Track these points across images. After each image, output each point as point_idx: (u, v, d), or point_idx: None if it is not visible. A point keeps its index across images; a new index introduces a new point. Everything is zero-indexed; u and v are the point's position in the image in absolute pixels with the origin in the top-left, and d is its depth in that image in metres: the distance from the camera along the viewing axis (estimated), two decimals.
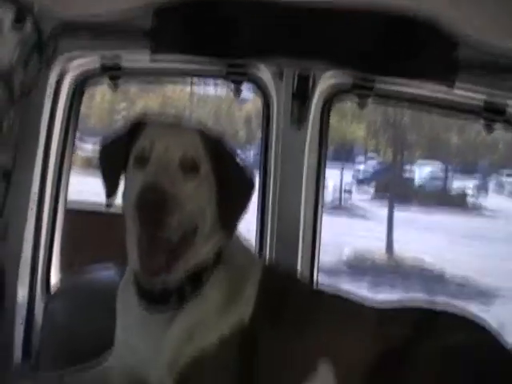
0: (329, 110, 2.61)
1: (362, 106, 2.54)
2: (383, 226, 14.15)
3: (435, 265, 12.78)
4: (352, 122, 16.81)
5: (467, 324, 1.86)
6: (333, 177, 16.33)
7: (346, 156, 19.03)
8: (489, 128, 2.50)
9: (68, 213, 2.79)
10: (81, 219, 3.15)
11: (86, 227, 3.11)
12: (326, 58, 2.38)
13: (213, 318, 1.71)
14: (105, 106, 17.04)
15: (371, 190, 18.72)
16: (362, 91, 2.50)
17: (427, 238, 14.31)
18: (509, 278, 11.43)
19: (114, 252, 1.94)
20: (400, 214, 14.76)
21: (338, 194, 17.29)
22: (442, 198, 18.01)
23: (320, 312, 1.83)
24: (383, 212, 14.95)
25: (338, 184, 17.32)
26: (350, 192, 18.08)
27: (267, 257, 2.55)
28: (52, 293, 2.60)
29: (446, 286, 11.72)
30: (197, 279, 1.72)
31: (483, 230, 15.42)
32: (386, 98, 2.58)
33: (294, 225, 2.59)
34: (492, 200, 18.32)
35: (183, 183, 1.64)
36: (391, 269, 12.63)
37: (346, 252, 13.20)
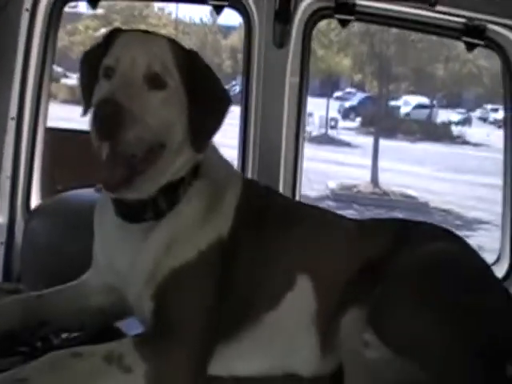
0: (311, 30, 2.59)
1: (343, 24, 2.52)
2: (369, 157, 14.22)
3: (419, 195, 12.94)
4: (338, 53, 16.67)
5: (444, 234, 1.88)
6: (319, 108, 16.31)
7: (332, 88, 18.94)
8: (470, 47, 2.54)
9: (48, 132, 2.78)
10: (61, 139, 3.13)
11: (67, 147, 3.07)
12: None
13: (191, 232, 1.68)
14: (88, 38, 16.71)
15: (357, 122, 18.73)
16: (344, 9, 2.48)
17: (412, 169, 14.43)
18: (491, 208, 11.60)
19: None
20: (385, 146, 14.83)
21: (324, 126, 17.28)
22: (427, 130, 18.10)
23: (300, 225, 1.83)
24: (369, 143, 14.99)
25: (324, 115, 17.29)
26: (335, 123, 18.08)
27: None
28: (32, 212, 2.59)
29: (430, 216, 11.88)
30: (171, 193, 1.70)
31: (467, 161, 15.55)
32: (370, 16, 2.55)
33: (276, 145, 2.61)
34: (476, 132, 18.41)
35: (147, 97, 1.59)
36: (376, 199, 12.77)
37: (332, 182, 13.29)
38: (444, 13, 2.43)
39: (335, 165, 14.36)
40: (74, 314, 1.83)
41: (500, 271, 2.65)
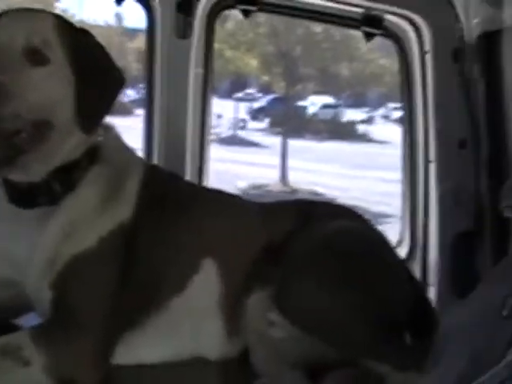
0: (214, 20, 2.59)
1: (246, 14, 2.54)
2: (278, 156, 14.40)
3: (327, 193, 13.22)
4: (245, 54, 16.79)
5: (346, 212, 1.93)
6: (228, 110, 16.37)
7: (240, 89, 19.06)
8: (368, 37, 2.61)
9: None
10: None
11: None
12: None
13: (91, 218, 1.63)
14: None
15: (266, 123, 18.93)
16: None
17: (320, 167, 14.73)
18: (396, 203, 11.98)
19: None
20: (293, 145, 15.06)
21: (232, 127, 17.36)
22: (333, 129, 18.53)
23: (204, 208, 1.82)
24: (278, 143, 15.17)
25: (233, 117, 17.38)
26: (245, 124, 18.20)
27: None
28: None
29: None
30: (66, 177, 1.64)
31: (372, 158, 16.03)
32: (272, 6, 2.59)
33: (180, 136, 2.59)
34: (380, 130, 19.01)
35: (26, 72, 1.52)
36: (285, 197, 12.95)
37: (242, 182, 13.36)
38: (344, 3, 2.50)
39: (245, 165, 14.44)
40: None
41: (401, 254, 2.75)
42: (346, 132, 18.67)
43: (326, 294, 1.59)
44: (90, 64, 1.61)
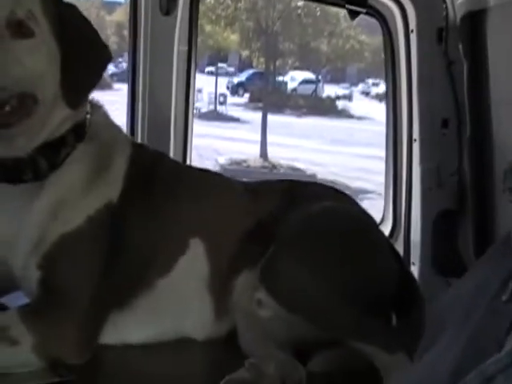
0: None
1: None
2: (258, 132, 14.38)
3: (307, 167, 13.26)
4: (225, 28, 16.67)
5: (332, 192, 1.94)
6: (208, 85, 16.27)
7: (219, 63, 18.93)
8: (352, 15, 2.60)
9: None
10: None
11: None
12: None
13: (78, 197, 1.62)
14: None
15: (246, 98, 18.88)
16: None
17: (299, 142, 14.75)
18: (374, 178, 12.06)
19: None
20: (273, 121, 15.05)
21: (212, 102, 17.27)
22: (313, 104, 18.54)
23: (190, 188, 1.82)
24: (257, 118, 15.14)
25: (213, 92, 17.28)
26: (224, 99, 18.12)
27: None
28: None
29: None
30: (52, 153, 1.62)
31: (352, 133, 16.09)
32: None
33: (165, 112, 2.58)
34: (359, 106, 19.06)
35: (9, 44, 1.49)
36: (265, 173, 12.96)
37: (222, 158, 13.34)
38: None
39: (225, 140, 14.41)
40: None
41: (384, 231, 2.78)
42: (326, 107, 18.68)
43: (310, 275, 1.59)
44: (76, 38, 1.59)
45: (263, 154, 13.88)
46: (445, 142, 2.50)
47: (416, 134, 2.57)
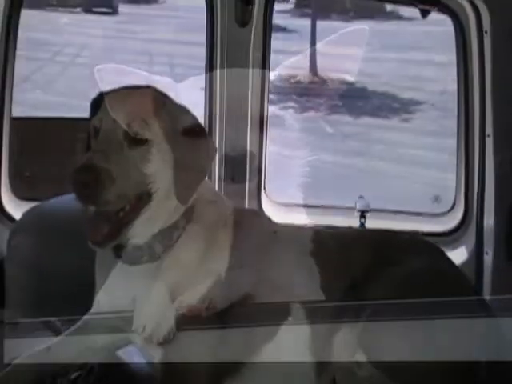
0: (272, 8, 2.62)
1: None
2: (305, 41, 14.00)
3: (357, 79, 13.00)
4: None
5: (425, 247, 2.00)
6: None
7: None
8: (424, 13, 2.63)
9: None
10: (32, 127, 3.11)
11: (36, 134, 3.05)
12: None
13: (190, 276, 1.77)
14: None
15: (291, 3, 18.28)
16: None
17: (349, 53, 14.39)
18: (426, 86, 11.81)
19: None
20: (321, 27, 14.59)
21: None
22: (360, 9, 17.83)
23: (287, 251, 1.93)
24: (305, 26, 14.70)
25: None
26: None
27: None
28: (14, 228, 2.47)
29: (368, 101, 12.06)
30: (166, 237, 1.78)
31: (400, 37, 15.56)
32: None
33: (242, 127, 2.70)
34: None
35: (126, 154, 1.66)
36: (315, 88, 12.77)
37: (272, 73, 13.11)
38: None
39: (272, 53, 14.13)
40: (81, 356, 1.89)
41: (454, 220, 2.90)
42: (374, 10, 17.97)
43: (408, 344, 1.67)
44: (186, 140, 1.74)
45: (313, 67, 13.55)
46: None
47: (490, 130, 2.62)
